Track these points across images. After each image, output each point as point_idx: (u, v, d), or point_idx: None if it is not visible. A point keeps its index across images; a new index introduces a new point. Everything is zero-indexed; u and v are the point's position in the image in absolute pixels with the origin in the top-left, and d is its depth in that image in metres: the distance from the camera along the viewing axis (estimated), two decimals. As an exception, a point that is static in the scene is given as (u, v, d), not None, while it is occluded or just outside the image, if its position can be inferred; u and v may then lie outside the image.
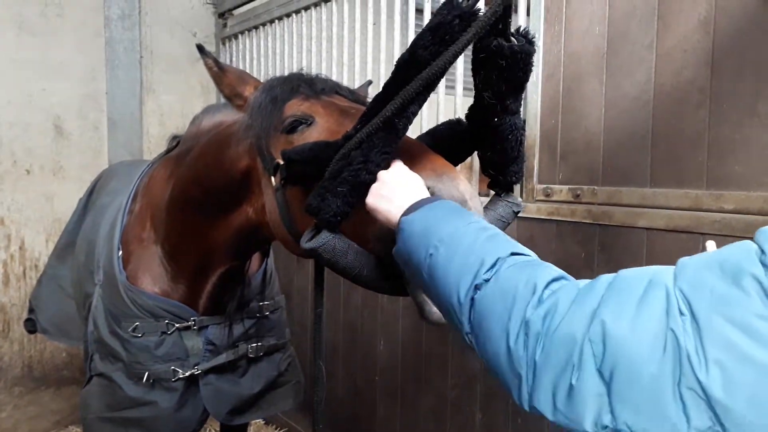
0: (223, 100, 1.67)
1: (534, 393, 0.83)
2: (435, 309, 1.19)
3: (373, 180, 1.19)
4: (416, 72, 1.13)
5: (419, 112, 1.24)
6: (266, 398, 2.18)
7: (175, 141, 2.16)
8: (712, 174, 1.79)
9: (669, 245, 1.87)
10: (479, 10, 1.14)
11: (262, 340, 2.12)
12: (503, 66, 1.18)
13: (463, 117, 1.43)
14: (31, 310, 2.84)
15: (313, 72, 1.67)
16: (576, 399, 0.78)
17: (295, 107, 1.46)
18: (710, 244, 1.28)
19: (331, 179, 1.21)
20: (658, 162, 1.92)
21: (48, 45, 3.67)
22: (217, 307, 2.00)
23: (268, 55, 3.81)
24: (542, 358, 0.81)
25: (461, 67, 2.53)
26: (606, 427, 0.77)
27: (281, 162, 1.36)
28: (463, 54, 1.14)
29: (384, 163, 1.19)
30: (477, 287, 0.91)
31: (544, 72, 2.22)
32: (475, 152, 1.47)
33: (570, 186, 2.14)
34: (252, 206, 1.64)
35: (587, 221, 2.09)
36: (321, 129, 1.41)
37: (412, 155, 1.24)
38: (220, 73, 1.62)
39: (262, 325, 2.14)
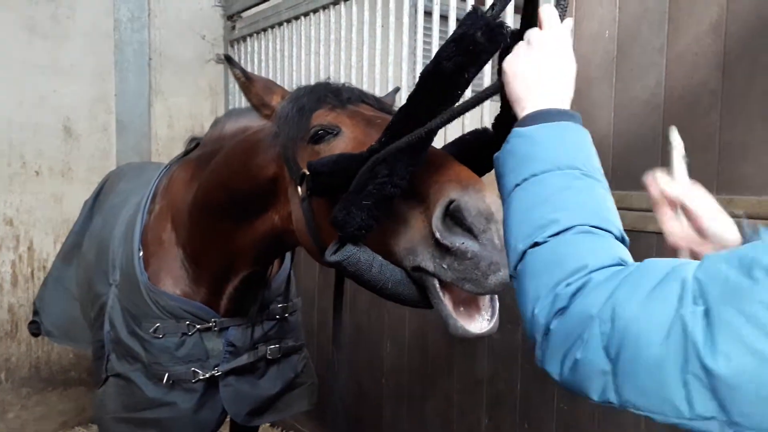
0: (232, 104, 1.68)
1: (545, 357, 0.84)
2: (460, 323, 1.18)
3: (398, 193, 1.17)
4: (440, 83, 1.13)
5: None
6: (283, 399, 2.18)
7: (194, 143, 2.15)
8: (723, 178, 1.78)
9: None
10: (502, 22, 1.12)
11: (281, 342, 2.12)
12: None
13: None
14: (35, 313, 2.84)
15: (326, 76, 1.68)
16: (580, 372, 0.79)
17: (321, 117, 1.47)
18: (673, 130, 1.22)
19: (356, 192, 1.20)
20: (669, 166, 1.91)
21: (58, 47, 3.70)
22: (238, 309, 2.00)
23: (276, 58, 3.82)
24: (556, 328, 0.81)
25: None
26: (612, 403, 0.78)
27: (307, 172, 1.36)
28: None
29: (409, 176, 1.18)
30: (534, 245, 0.88)
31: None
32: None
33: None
34: (278, 213, 1.65)
35: (596, 225, 2.08)
36: (347, 139, 1.41)
37: (438, 165, 1.23)
38: (247, 83, 1.64)
39: (281, 327, 2.14)
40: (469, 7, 2.45)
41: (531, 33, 1.05)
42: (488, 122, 2.52)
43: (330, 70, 3.35)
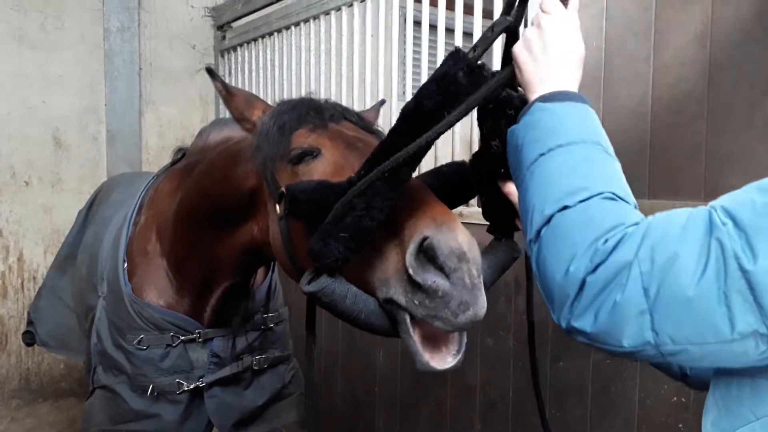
0: (223, 114, 1.68)
1: (576, 312, 0.86)
2: (426, 359, 1.19)
3: (376, 226, 1.18)
4: (421, 120, 1.14)
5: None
6: (270, 410, 2.17)
7: (180, 153, 2.16)
8: (710, 186, 1.81)
9: (667, 256, 1.88)
10: (484, 64, 1.15)
11: (266, 353, 2.11)
12: (512, 115, 1.17)
13: (458, 141, 1.42)
14: (29, 323, 2.82)
15: (316, 85, 1.67)
16: (617, 316, 0.81)
17: (302, 138, 1.46)
18: None
19: (334, 224, 1.20)
20: (656, 174, 1.93)
21: (48, 58, 3.69)
22: (222, 320, 1.99)
23: (267, 67, 3.83)
24: (593, 279, 0.84)
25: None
26: (647, 342, 0.80)
27: (285, 192, 1.36)
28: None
29: (387, 209, 1.18)
30: (564, 208, 0.91)
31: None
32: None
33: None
34: (257, 225, 1.64)
35: (586, 232, 2.10)
36: (327, 162, 1.41)
37: (414, 200, 1.24)
38: (228, 96, 1.64)
39: (266, 338, 2.14)
40: (457, 19, 2.49)
41: (539, 17, 1.08)
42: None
43: (321, 79, 3.36)
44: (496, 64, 2.24)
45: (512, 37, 1.17)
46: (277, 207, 1.41)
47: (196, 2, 4.23)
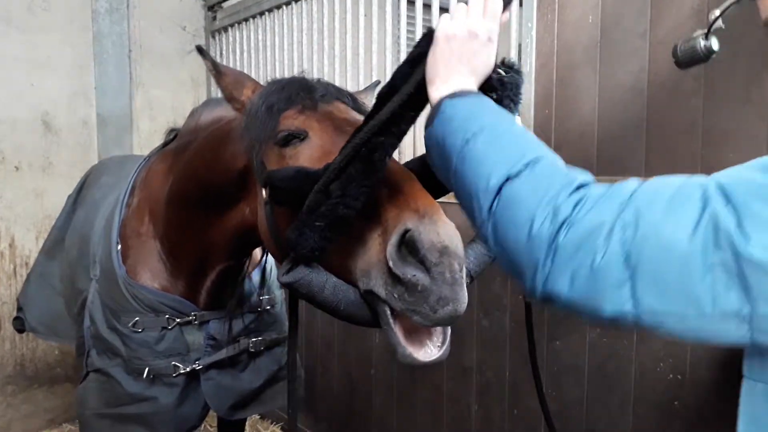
0: (215, 95, 1.65)
1: (551, 276, 0.83)
2: (408, 351, 1.18)
3: (352, 214, 1.16)
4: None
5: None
6: (267, 392, 2.17)
7: (173, 134, 2.13)
8: (706, 162, 1.79)
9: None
10: None
11: (262, 335, 2.10)
12: (494, 98, 1.16)
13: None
14: (19, 309, 2.80)
15: (309, 66, 1.64)
16: (596, 282, 0.79)
17: (290, 120, 1.42)
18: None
19: (309, 213, 1.18)
20: (653, 151, 1.92)
21: (35, 40, 3.62)
22: (218, 302, 1.98)
23: (258, 48, 3.77)
24: (565, 241, 0.82)
25: None
26: (628, 312, 0.78)
27: (267, 178, 1.35)
28: None
29: (363, 197, 1.16)
30: (510, 178, 0.91)
31: (538, 62, 2.21)
32: None
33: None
34: (249, 206, 1.62)
35: (582, 211, 2.08)
36: (314, 146, 1.38)
37: (398, 187, 1.21)
38: (218, 75, 1.60)
39: (262, 320, 2.13)
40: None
41: (439, 26, 1.12)
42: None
43: (313, 59, 3.32)
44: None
45: None
46: (263, 191, 1.39)
47: (185, -18, 4.16)
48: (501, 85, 1.18)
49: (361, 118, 1.46)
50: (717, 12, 1.09)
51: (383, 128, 1.13)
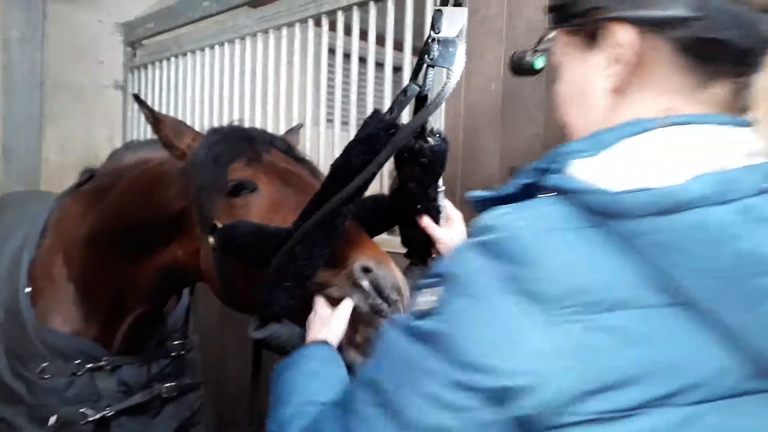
0: (130, 131, 1.66)
1: None
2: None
3: (316, 272, 1.31)
4: (350, 175, 1.27)
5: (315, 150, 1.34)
6: None
7: (87, 174, 2.09)
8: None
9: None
10: (401, 122, 1.32)
11: (177, 380, 2.09)
12: (425, 163, 1.36)
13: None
14: None
15: (230, 107, 1.71)
16: None
17: (239, 171, 1.51)
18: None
19: (277, 274, 1.29)
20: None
21: (-63, 67, 3.46)
22: (132, 347, 1.96)
23: (179, 87, 3.77)
24: None
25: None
26: None
27: (219, 225, 1.43)
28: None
29: (325, 257, 1.30)
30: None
31: (447, 123, 2.38)
32: None
33: (469, 228, 2.28)
34: (182, 248, 1.65)
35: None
36: (263, 197, 1.47)
37: (352, 241, 1.36)
38: (156, 123, 1.64)
39: (178, 365, 2.11)
40: (370, 47, 2.59)
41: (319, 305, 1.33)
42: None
43: (234, 101, 3.36)
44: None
45: (420, 101, 1.34)
46: (210, 238, 1.45)
47: (105, 17, 4.11)
48: (432, 153, 1.36)
49: (299, 167, 1.61)
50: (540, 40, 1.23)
51: (349, 199, 1.28)
